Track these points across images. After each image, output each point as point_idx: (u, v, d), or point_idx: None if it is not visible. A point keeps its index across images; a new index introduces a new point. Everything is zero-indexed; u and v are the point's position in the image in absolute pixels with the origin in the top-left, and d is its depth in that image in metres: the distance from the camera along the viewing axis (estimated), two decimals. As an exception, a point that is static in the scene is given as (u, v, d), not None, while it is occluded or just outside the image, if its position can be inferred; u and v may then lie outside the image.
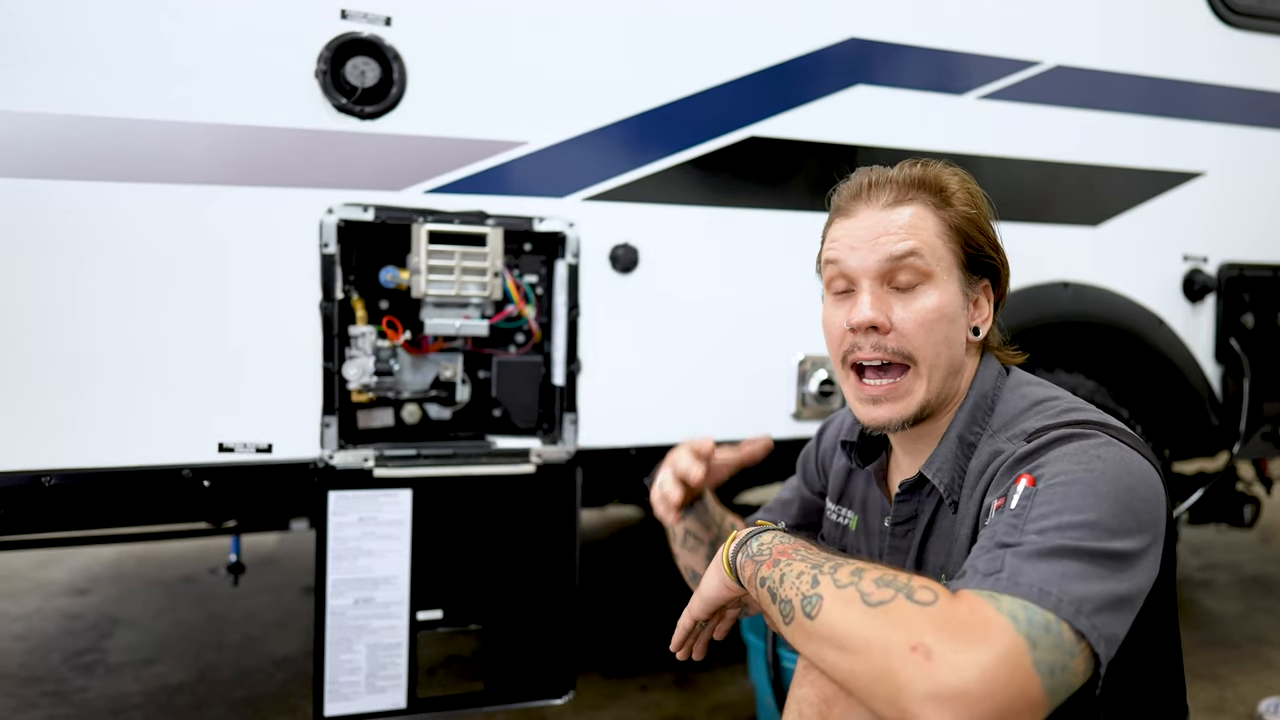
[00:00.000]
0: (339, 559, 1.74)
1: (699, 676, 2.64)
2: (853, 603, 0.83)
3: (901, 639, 0.76)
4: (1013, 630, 0.75)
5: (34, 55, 1.54)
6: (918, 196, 1.09)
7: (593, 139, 1.88)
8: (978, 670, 0.72)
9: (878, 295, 1.07)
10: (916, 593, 0.80)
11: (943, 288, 1.07)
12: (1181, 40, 2.38)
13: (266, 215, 1.68)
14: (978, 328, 1.13)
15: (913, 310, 1.06)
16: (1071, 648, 0.77)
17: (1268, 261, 2.52)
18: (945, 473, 1.08)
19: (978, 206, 1.12)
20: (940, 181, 1.10)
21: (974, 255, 1.10)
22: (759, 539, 1.03)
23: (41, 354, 1.58)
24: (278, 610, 3.18)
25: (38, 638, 2.90)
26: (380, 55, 1.72)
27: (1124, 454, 0.92)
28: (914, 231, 1.07)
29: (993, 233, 1.13)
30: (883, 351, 1.06)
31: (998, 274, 1.14)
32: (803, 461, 1.47)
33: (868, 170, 1.13)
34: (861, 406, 1.10)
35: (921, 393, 1.07)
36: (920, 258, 1.06)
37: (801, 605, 0.87)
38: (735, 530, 1.08)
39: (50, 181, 1.57)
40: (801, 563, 0.93)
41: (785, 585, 0.92)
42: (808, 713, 0.98)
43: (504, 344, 1.95)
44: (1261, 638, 3.01)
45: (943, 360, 1.07)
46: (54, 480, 1.59)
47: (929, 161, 1.13)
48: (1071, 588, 0.79)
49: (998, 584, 0.80)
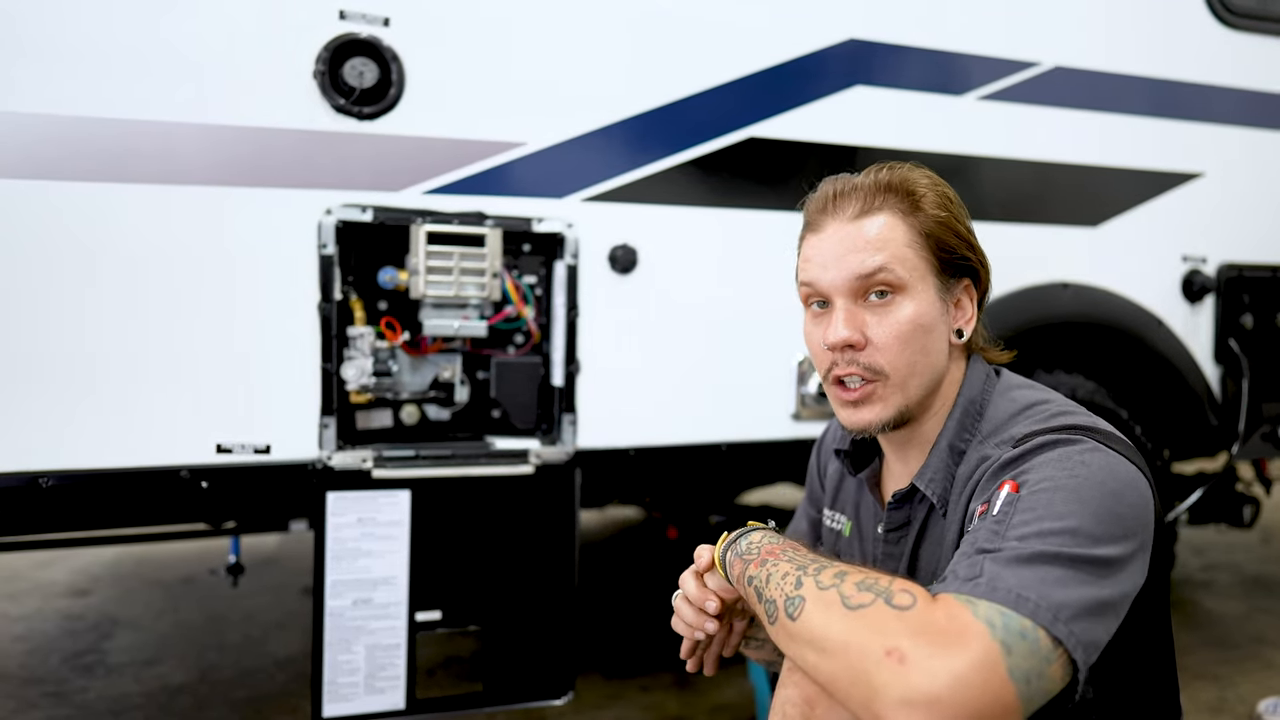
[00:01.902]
0: (337, 560, 1.74)
1: (699, 678, 2.64)
2: (833, 605, 0.83)
3: (877, 643, 0.76)
4: (988, 636, 0.75)
5: (34, 56, 1.54)
6: (886, 203, 1.07)
7: (592, 139, 1.88)
8: (950, 676, 0.72)
9: (851, 312, 1.06)
10: (895, 597, 0.80)
11: (918, 297, 1.06)
12: (1181, 41, 2.38)
13: (265, 216, 1.68)
14: (961, 329, 1.11)
15: (887, 324, 1.05)
16: (1048, 654, 0.77)
17: (1267, 262, 2.52)
18: (937, 483, 1.08)
19: (949, 208, 1.09)
20: (908, 185, 1.08)
21: (948, 259, 1.09)
22: (748, 538, 1.04)
23: (38, 355, 1.58)
24: (278, 611, 3.18)
25: (38, 638, 2.90)
26: (379, 56, 1.72)
27: (1110, 459, 0.92)
28: (883, 244, 1.05)
29: (968, 232, 1.11)
30: (856, 367, 1.06)
31: (977, 273, 1.13)
32: (809, 481, 1.47)
33: (834, 180, 1.12)
34: (844, 411, 1.10)
35: (899, 399, 1.07)
36: (891, 271, 1.05)
37: (785, 606, 0.88)
38: (725, 532, 1.08)
39: (49, 183, 1.57)
40: (788, 563, 0.94)
41: (771, 585, 0.93)
42: (791, 713, 0.98)
43: (503, 345, 1.95)
44: (1262, 638, 3.00)
45: (920, 369, 1.07)
46: (51, 481, 1.59)
47: (895, 165, 1.11)
48: (1050, 594, 0.79)
49: (976, 589, 0.80)
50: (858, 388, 1.07)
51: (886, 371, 1.05)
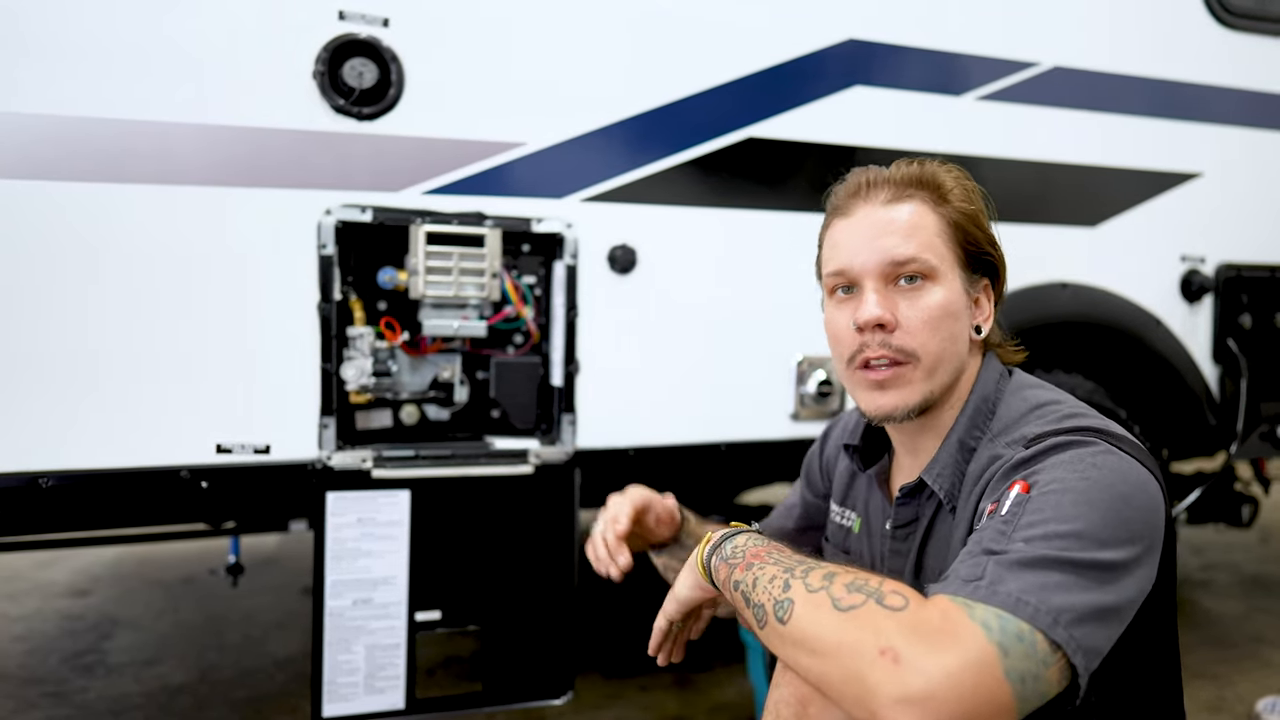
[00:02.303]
0: (337, 560, 1.74)
1: (698, 677, 2.64)
2: (823, 607, 0.83)
3: (871, 643, 0.76)
4: (983, 637, 0.75)
5: (35, 56, 1.54)
6: (915, 194, 1.09)
7: (591, 140, 1.88)
8: (944, 673, 0.72)
9: (883, 294, 1.06)
10: (887, 598, 0.80)
11: (947, 285, 1.07)
12: (1179, 41, 2.38)
13: (264, 216, 1.69)
14: (979, 326, 1.13)
15: (918, 308, 1.05)
16: (1046, 658, 0.77)
17: (1265, 262, 2.52)
18: (945, 478, 1.08)
19: (974, 203, 1.11)
20: (937, 179, 1.10)
21: (973, 252, 1.10)
22: (732, 541, 1.03)
23: (37, 356, 1.58)
24: (278, 611, 3.19)
25: (38, 639, 2.90)
26: (378, 56, 1.72)
27: (1122, 462, 0.91)
28: (915, 229, 1.07)
29: (990, 230, 1.13)
30: (888, 349, 1.05)
31: (996, 272, 1.14)
32: (806, 465, 1.47)
33: (864, 170, 1.13)
34: (867, 395, 1.09)
35: (926, 386, 1.06)
36: (923, 259, 1.06)
37: (774, 610, 0.88)
38: (710, 533, 1.07)
39: (47, 183, 1.57)
40: (774, 566, 0.93)
41: (758, 589, 0.92)
42: (784, 713, 0.98)
43: (502, 345, 1.95)
44: (1260, 637, 3.01)
45: (947, 357, 1.07)
46: (51, 482, 1.59)
47: (924, 160, 1.13)
48: (1051, 598, 0.79)
49: (975, 592, 0.80)
50: (887, 369, 1.06)
51: (919, 354, 1.05)
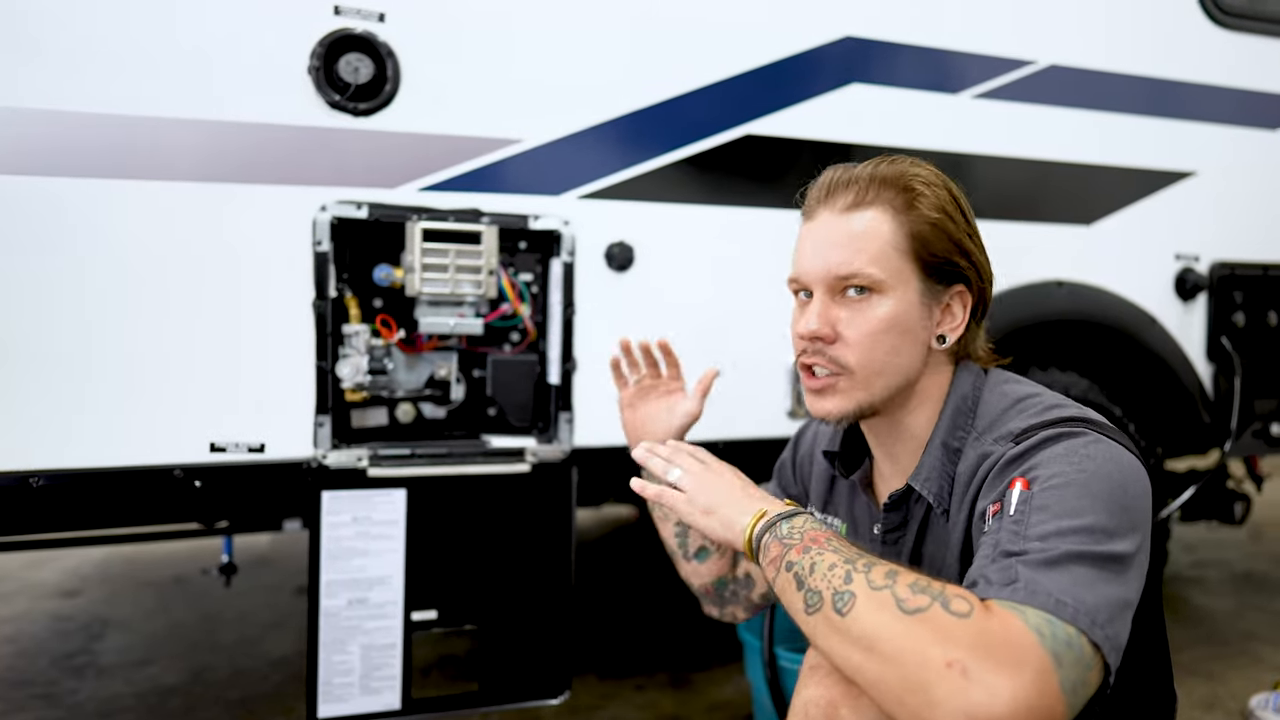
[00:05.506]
0: (333, 559, 1.72)
1: (695, 676, 2.64)
2: (887, 606, 0.82)
3: (938, 653, 0.76)
4: (1040, 647, 0.76)
5: (33, 52, 1.53)
6: (879, 198, 1.06)
7: (588, 137, 1.87)
8: (1011, 695, 0.73)
9: (827, 304, 1.08)
10: (952, 602, 0.80)
11: (896, 297, 1.05)
12: (1174, 40, 2.39)
13: (259, 213, 1.67)
14: (944, 335, 1.09)
15: (859, 322, 1.06)
16: (1089, 661, 0.79)
17: (1259, 260, 2.53)
18: (934, 481, 1.08)
19: (945, 210, 1.06)
20: (905, 180, 1.07)
21: (935, 263, 1.07)
22: (790, 522, 0.99)
23: (30, 354, 1.56)
24: (272, 611, 3.17)
25: (27, 640, 2.87)
26: (374, 52, 1.71)
27: (1112, 450, 0.93)
28: (868, 240, 1.05)
29: (964, 238, 1.08)
30: (823, 359, 1.08)
31: (970, 280, 1.10)
32: (778, 469, 1.47)
33: (835, 169, 1.12)
34: (809, 398, 1.13)
35: (860, 395, 1.08)
36: (866, 274, 1.05)
37: (832, 600, 0.86)
38: (762, 509, 1.03)
39: (37, 179, 1.55)
40: (834, 554, 0.91)
41: (815, 575, 0.90)
42: (814, 714, 0.97)
43: (499, 343, 1.94)
44: (1252, 634, 3.02)
45: (888, 370, 1.07)
46: (42, 481, 1.57)
47: (899, 159, 1.10)
48: (1083, 597, 0.81)
49: (1015, 594, 0.81)
50: (822, 378, 1.09)
51: (853, 368, 1.07)
